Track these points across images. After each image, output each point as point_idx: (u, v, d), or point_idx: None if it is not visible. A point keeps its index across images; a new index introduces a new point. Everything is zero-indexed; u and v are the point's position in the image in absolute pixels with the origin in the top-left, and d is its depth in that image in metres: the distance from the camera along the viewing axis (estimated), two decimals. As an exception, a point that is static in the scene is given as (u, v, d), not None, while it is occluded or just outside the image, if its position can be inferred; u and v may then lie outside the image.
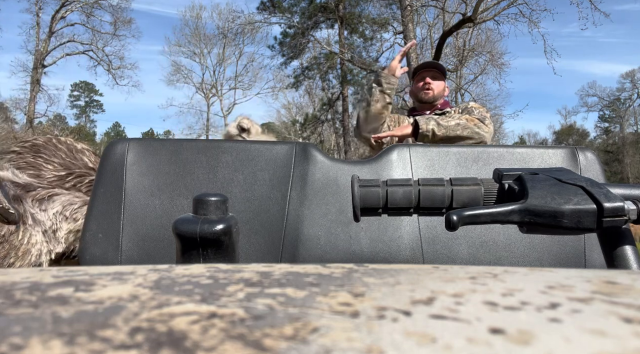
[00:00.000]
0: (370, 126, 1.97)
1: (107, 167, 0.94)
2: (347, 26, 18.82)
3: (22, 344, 0.13)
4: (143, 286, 0.19)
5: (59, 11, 20.09)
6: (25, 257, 1.14)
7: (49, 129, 14.43)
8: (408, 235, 0.90)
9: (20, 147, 1.37)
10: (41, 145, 1.40)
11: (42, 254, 1.18)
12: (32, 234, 1.15)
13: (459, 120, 1.84)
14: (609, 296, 0.17)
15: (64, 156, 1.39)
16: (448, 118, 1.86)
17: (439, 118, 1.85)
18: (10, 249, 1.11)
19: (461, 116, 1.87)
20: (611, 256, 0.47)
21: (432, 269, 0.22)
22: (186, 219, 0.48)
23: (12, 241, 1.11)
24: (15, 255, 1.12)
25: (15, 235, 1.12)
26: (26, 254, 1.14)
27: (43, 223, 1.18)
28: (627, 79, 32.50)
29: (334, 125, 21.15)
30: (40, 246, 1.17)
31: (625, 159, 30.98)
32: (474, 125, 1.84)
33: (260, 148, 0.95)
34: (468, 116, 1.87)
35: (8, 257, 1.11)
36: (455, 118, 1.85)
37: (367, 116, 1.96)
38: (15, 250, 1.12)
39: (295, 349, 0.13)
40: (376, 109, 1.94)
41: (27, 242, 1.14)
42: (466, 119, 1.85)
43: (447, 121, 1.83)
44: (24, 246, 1.13)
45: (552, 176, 0.49)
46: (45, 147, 1.41)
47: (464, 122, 1.83)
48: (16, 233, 1.12)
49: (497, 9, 10.88)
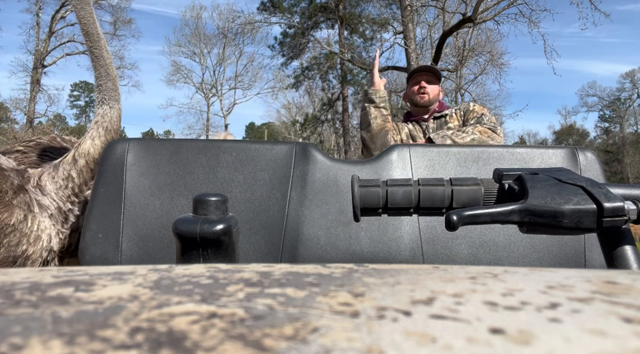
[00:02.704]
0: (378, 143, 2.00)
1: (107, 167, 0.94)
2: (347, 26, 18.83)
3: (22, 344, 0.13)
4: (143, 286, 0.19)
5: (59, 11, 20.11)
6: (37, 243, 1.15)
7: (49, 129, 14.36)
8: (408, 235, 0.90)
9: (24, 147, 1.37)
10: (46, 144, 1.41)
11: (52, 237, 1.19)
12: (40, 220, 1.17)
13: (473, 135, 1.85)
14: (609, 296, 0.17)
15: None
16: (463, 135, 1.87)
17: (453, 134, 1.87)
18: (22, 237, 1.12)
19: (474, 129, 1.88)
20: (611, 256, 0.47)
21: (432, 269, 0.22)
22: (186, 219, 0.48)
23: (22, 229, 1.13)
24: (27, 242, 1.13)
25: (24, 223, 1.13)
26: (37, 240, 1.16)
27: (48, 207, 1.19)
28: (627, 79, 32.54)
29: (334, 125, 21.15)
30: (49, 230, 1.18)
31: (625, 159, 30.98)
32: (488, 137, 1.86)
33: (260, 148, 0.95)
34: (480, 128, 1.89)
35: (20, 245, 1.12)
36: (470, 133, 1.86)
37: (371, 135, 2.00)
38: (26, 237, 1.13)
39: (295, 349, 0.13)
40: (377, 125, 1.99)
41: (37, 229, 1.15)
42: (479, 132, 1.87)
43: (462, 138, 1.85)
44: (34, 233, 1.15)
45: (552, 176, 0.49)
46: (50, 145, 1.41)
47: (478, 136, 1.85)
48: (25, 221, 1.13)
49: (497, 9, 10.88)
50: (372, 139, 2.00)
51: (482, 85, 18.02)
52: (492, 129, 1.88)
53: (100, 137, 1.25)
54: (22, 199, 1.14)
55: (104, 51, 1.30)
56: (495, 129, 1.89)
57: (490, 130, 1.88)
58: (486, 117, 1.96)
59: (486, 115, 1.98)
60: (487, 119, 1.95)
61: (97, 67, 1.30)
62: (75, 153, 1.24)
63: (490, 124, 1.92)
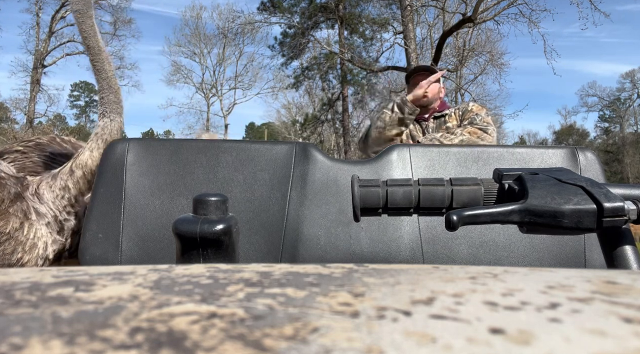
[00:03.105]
0: (378, 148, 1.99)
1: (107, 167, 0.94)
2: (347, 26, 18.83)
3: (22, 344, 0.13)
4: (143, 286, 0.19)
5: (59, 11, 20.11)
6: (32, 251, 1.15)
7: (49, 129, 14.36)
8: (408, 235, 0.90)
9: (23, 147, 1.37)
10: (46, 144, 1.40)
11: (48, 245, 1.19)
12: (37, 228, 1.16)
13: (461, 136, 1.85)
14: (609, 296, 0.17)
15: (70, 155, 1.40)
16: (451, 136, 1.87)
17: (441, 137, 1.87)
18: (17, 245, 1.12)
19: (464, 130, 1.88)
20: (611, 256, 0.47)
21: (432, 269, 0.22)
22: (186, 219, 0.48)
23: (18, 237, 1.12)
24: (23, 250, 1.13)
25: (20, 231, 1.13)
26: (33, 248, 1.15)
27: (45, 215, 1.19)
28: (627, 79, 32.54)
29: (334, 125, 21.15)
30: (45, 238, 1.18)
31: (625, 159, 30.97)
32: (477, 138, 1.86)
33: (260, 148, 0.95)
34: (470, 128, 1.88)
35: (15, 253, 1.12)
36: (458, 135, 1.86)
37: (379, 137, 1.98)
38: (22, 245, 1.13)
39: (295, 349, 0.13)
40: (389, 135, 1.97)
41: (33, 237, 1.15)
42: (469, 132, 1.86)
43: (450, 140, 1.85)
44: (30, 241, 1.15)
45: (552, 176, 0.49)
46: (50, 146, 1.41)
47: (467, 137, 1.85)
48: (21, 229, 1.13)
49: (497, 9, 10.89)
50: (377, 142, 1.98)
51: (482, 85, 18.03)
52: (482, 129, 1.87)
53: (99, 149, 1.24)
54: (19, 207, 1.14)
55: (105, 64, 1.30)
56: (487, 130, 1.88)
57: (481, 130, 1.87)
58: (479, 117, 1.95)
59: (480, 115, 1.96)
60: (480, 119, 1.94)
61: (99, 80, 1.30)
62: (73, 164, 1.23)
63: (483, 124, 1.91)
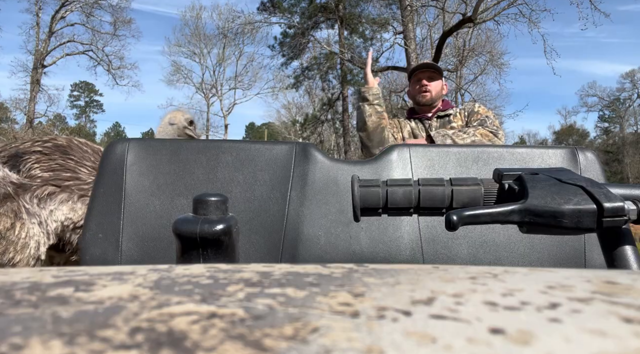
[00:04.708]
0: (375, 141, 2.00)
1: (107, 167, 0.94)
2: (347, 26, 18.82)
3: (22, 344, 0.13)
4: (143, 286, 0.19)
5: (58, 11, 20.11)
6: (24, 250, 1.15)
7: (49, 129, 14.40)
8: (408, 235, 0.90)
9: (42, 147, 1.37)
10: (66, 146, 1.40)
11: (40, 245, 1.20)
12: (29, 227, 1.17)
13: (474, 137, 1.86)
14: (609, 296, 0.17)
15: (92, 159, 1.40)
16: (464, 135, 1.87)
17: (454, 134, 1.87)
18: (9, 245, 1.13)
19: (476, 131, 1.88)
20: (611, 256, 0.47)
21: (432, 269, 0.22)
22: (186, 219, 0.48)
23: (9, 237, 1.13)
24: (14, 249, 1.13)
25: (11, 231, 1.13)
26: (25, 247, 1.15)
27: (38, 215, 1.20)
28: (627, 79, 32.54)
29: (334, 125, 21.15)
30: (38, 237, 1.19)
31: (625, 159, 30.97)
32: (489, 140, 1.86)
33: (260, 148, 0.95)
34: (482, 130, 1.89)
35: (7, 253, 1.12)
36: (471, 135, 1.87)
37: (368, 133, 2.00)
38: (13, 245, 1.13)
39: (295, 349, 0.13)
40: (373, 122, 1.98)
41: (25, 236, 1.16)
42: (480, 134, 1.87)
43: (462, 138, 1.85)
44: (22, 240, 1.15)
45: (552, 176, 0.49)
46: (70, 148, 1.41)
47: (479, 138, 1.86)
48: (12, 229, 1.13)
49: (497, 9, 10.88)
50: (369, 137, 1.99)
51: (482, 85, 18.05)
52: (494, 133, 1.88)
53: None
54: (9, 207, 1.14)
55: None
56: (497, 133, 1.89)
57: (492, 133, 1.88)
58: (489, 120, 1.96)
59: (490, 118, 1.97)
60: (490, 122, 1.94)
61: None
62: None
63: (493, 127, 1.92)
